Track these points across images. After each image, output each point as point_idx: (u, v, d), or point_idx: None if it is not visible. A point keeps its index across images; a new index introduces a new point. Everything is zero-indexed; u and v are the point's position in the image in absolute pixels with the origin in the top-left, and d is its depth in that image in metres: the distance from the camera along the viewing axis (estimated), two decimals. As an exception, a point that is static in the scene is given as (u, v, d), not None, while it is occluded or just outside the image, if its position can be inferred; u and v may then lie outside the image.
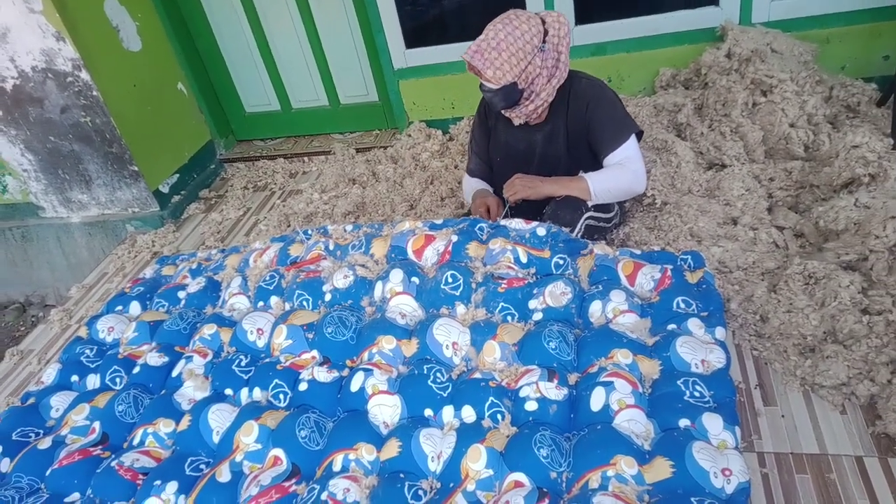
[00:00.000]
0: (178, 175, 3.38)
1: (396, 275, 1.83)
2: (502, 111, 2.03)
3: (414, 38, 3.11)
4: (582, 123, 2.04)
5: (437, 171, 2.93)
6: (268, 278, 2.03)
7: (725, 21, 2.67)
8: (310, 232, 2.22)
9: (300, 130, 3.76)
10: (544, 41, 1.91)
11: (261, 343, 1.85)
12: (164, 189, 3.29)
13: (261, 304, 1.99)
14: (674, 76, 2.83)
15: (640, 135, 2.10)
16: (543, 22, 1.91)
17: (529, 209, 2.11)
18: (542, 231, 1.91)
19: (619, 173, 2.03)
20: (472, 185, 2.32)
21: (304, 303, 1.91)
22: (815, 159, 2.23)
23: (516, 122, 2.06)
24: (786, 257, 1.96)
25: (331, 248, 2.06)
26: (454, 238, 1.90)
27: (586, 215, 2.05)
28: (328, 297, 1.89)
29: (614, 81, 2.96)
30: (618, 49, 2.89)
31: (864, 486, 1.36)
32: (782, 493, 1.38)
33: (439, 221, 2.04)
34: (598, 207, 2.09)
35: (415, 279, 1.83)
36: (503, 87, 1.91)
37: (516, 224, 1.94)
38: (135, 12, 3.12)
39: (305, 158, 3.55)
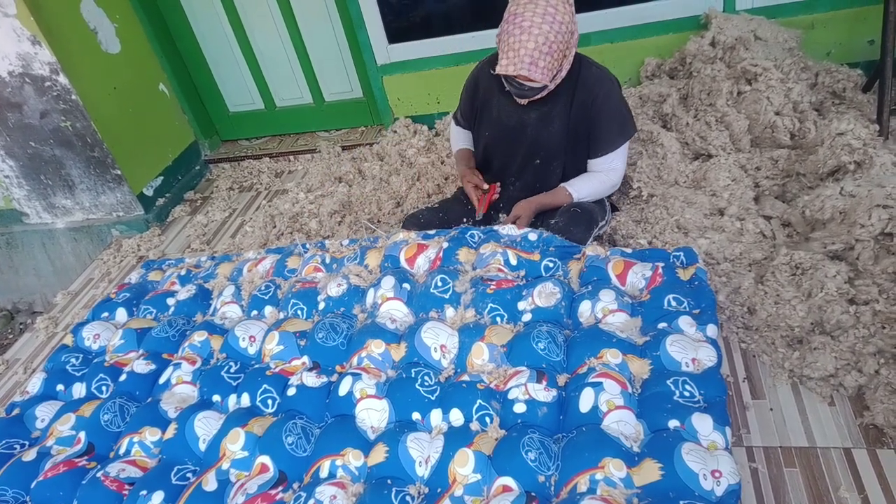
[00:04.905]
0: (162, 177, 3.34)
1: (388, 281, 1.82)
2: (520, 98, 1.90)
3: (396, 33, 3.07)
4: (586, 117, 1.94)
5: (423, 167, 2.90)
6: (263, 288, 2.03)
7: (709, 9, 2.64)
8: (307, 245, 2.24)
9: (285, 129, 3.72)
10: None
11: (252, 350, 1.84)
12: (149, 192, 3.25)
13: (254, 313, 1.99)
14: (659, 66, 2.80)
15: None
16: None
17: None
18: (533, 236, 1.90)
19: (601, 181, 2.02)
20: (459, 138, 2.30)
21: (299, 312, 1.91)
22: (802, 147, 2.21)
23: (524, 101, 1.93)
24: (773, 247, 1.95)
25: (327, 261, 2.07)
26: (445, 245, 1.90)
27: (595, 232, 2.01)
28: (322, 305, 1.89)
29: (599, 72, 2.93)
30: (602, 39, 2.85)
31: (852, 478, 1.36)
32: (771, 488, 1.37)
33: (432, 232, 2.04)
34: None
35: (406, 285, 1.82)
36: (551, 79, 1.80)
37: (508, 230, 1.93)
38: (113, 14, 3.06)
39: (291, 157, 3.52)
